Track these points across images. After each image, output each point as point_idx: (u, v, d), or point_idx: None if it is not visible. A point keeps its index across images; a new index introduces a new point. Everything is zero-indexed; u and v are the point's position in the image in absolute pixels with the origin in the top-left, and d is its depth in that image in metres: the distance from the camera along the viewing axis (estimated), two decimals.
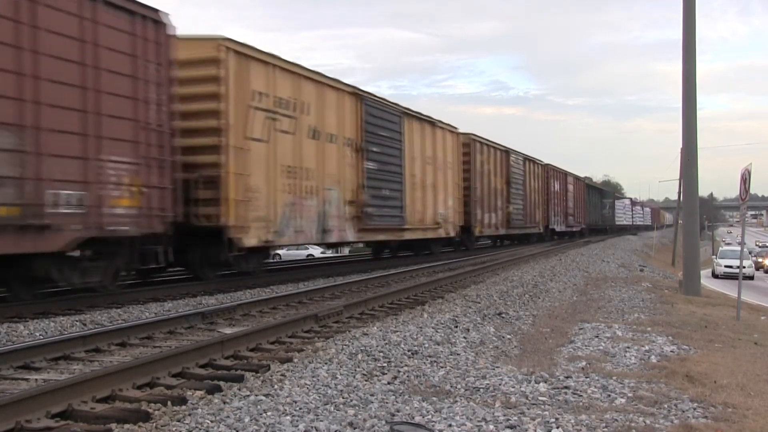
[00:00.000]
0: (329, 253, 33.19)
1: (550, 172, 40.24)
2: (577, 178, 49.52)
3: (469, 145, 26.39)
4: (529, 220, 34.56)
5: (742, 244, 16.57)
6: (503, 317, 10.19)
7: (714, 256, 43.84)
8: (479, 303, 11.35)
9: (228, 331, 8.23)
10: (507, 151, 31.09)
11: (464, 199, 25.73)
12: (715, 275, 40.10)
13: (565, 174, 45.15)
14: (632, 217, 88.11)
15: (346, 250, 35.93)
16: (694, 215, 17.52)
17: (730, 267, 37.31)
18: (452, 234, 24.68)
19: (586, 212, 52.84)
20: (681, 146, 18.38)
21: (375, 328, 8.44)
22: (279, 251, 33.81)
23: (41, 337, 7.89)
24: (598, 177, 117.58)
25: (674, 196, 45.76)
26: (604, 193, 67.64)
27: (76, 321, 9.01)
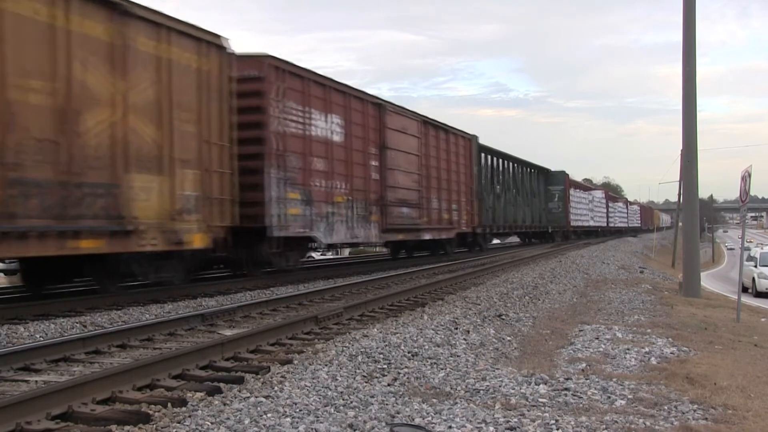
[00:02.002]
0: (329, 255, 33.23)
1: (291, 87, 14.72)
2: (444, 129, 24.04)
3: None
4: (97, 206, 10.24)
5: (742, 246, 16.58)
6: (503, 319, 10.18)
7: (751, 264, 27.16)
8: (479, 305, 11.34)
9: (228, 332, 8.23)
10: None
11: None
12: (755, 292, 25.33)
13: (377, 107, 18.66)
14: (607, 217, 64.82)
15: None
16: (694, 217, 17.53)
17: None
18: None
19: (479, 202, 27.73)
20: (681, 148, 18.40)
21: (375, 329, 8.44)
22: None
23: (41, 338, 7.90)
24: (598, 179, 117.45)
25: (674, 198, 44.68)
26: (549, 175, 42.66)
27: (76, 323, 9.02)
